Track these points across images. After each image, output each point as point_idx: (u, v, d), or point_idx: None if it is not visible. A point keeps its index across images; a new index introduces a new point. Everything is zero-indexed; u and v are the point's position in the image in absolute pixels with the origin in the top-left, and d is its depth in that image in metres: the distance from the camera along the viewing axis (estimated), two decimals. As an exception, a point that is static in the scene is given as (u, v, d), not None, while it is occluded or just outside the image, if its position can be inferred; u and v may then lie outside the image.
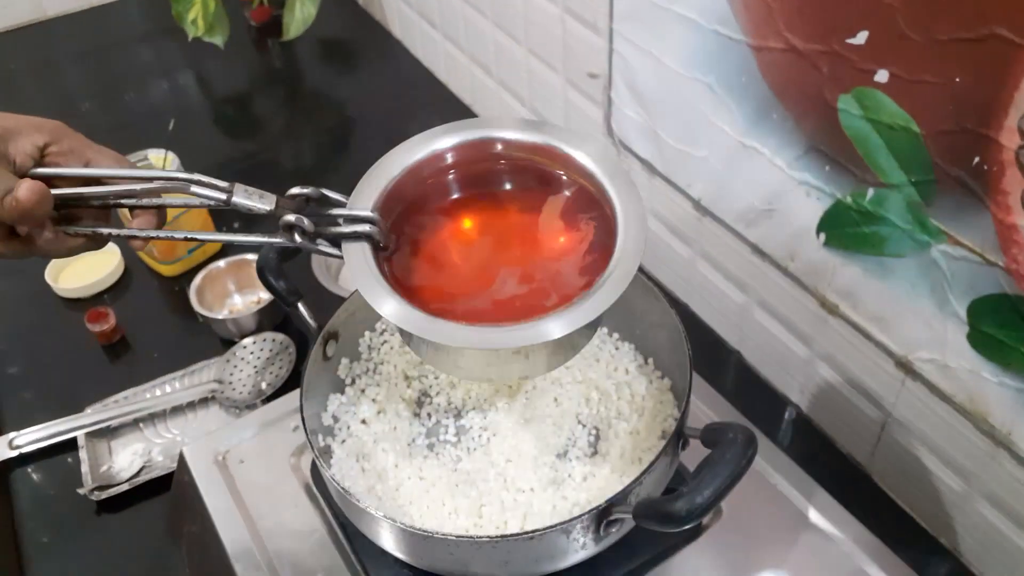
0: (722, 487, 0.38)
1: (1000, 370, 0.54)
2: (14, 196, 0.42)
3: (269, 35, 1.36)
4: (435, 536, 0.43)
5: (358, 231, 0.46)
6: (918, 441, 0.63)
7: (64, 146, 0.46)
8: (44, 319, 0.91)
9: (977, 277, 0.52)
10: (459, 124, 0.50)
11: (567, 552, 0.45)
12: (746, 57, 0.62)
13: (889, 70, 0.52)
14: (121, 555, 0.69)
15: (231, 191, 0.45)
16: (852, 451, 0.71)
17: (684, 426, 0.47)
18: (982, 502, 0.60)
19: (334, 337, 0.56)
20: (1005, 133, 0.47)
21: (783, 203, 0.65)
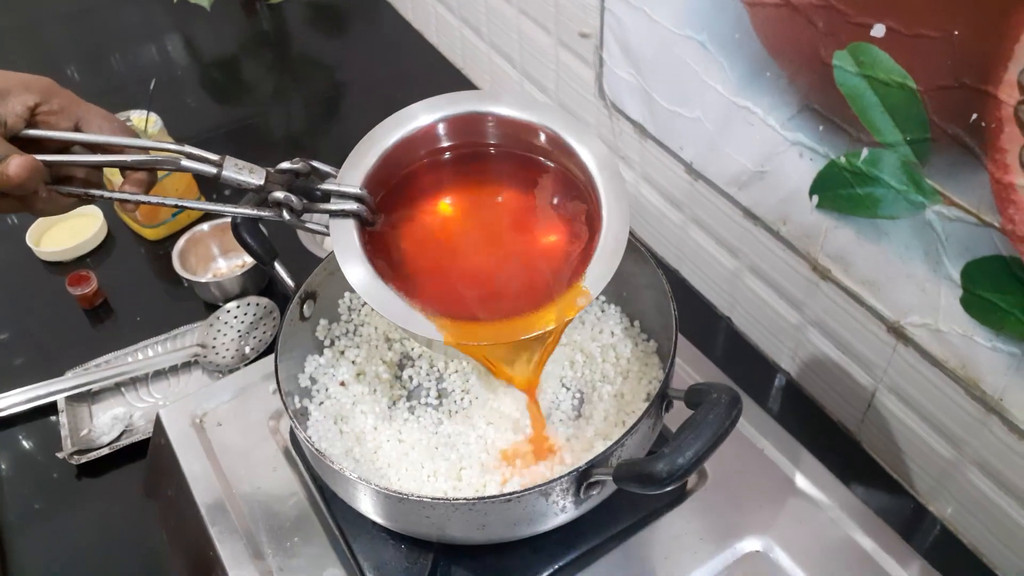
0: (704, 448, 0.37)
1: (993, 335, 0.53)
2: (5, 172, 0.42)
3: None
4: (411, 498, 0.42)
5: (346, 209, 0.45)
6: (909, 408, 0.62)
7: (54, 105, 0.45)
8: (25, 283, 0.89)
9: (972, 239, 0.51)
10: (451, 97, 0.48)
11: (546, 515, 0.44)
12: (740, 14, 0.60)
13: (886, 24, 0.50)
14: (101, 519, 0.68)
15: (221, 164, 0.44)
16: (842, 418, 0.70)
17: (668, 387, 0.46)
18: (972, 469, 0.59)
19: (312, 297, 0.55)
20: (1004, 88, 0.45)
21: (776, 165, 0.64)
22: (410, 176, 0.48)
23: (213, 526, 0.52)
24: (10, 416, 0.75)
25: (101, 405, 0.75)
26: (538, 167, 0.47)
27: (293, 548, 0.51)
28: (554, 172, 0.47)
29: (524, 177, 0.48)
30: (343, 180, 0.45)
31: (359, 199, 0.45)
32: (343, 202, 0.45)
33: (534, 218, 0.47)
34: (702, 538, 0.50)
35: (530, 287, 0.45)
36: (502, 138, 0.47)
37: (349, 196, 0.45)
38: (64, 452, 0.70)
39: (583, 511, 0.46)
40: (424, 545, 0.50)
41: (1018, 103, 0.45)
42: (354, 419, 0.52)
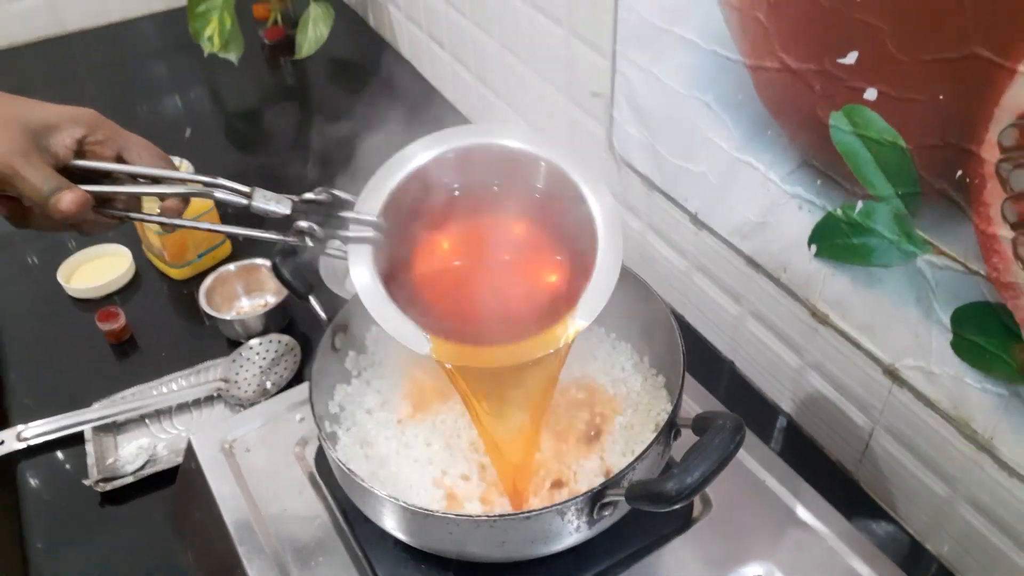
0: (710, 469, 0.40)
1: (982, 376, 0.56)
2: (57, 206, 0.46)
3: (282, 54, 1.40)
4: (436, 515, 0.45)
5: (363, 236, 0.48)
6: (904, 448, 0.65)
7: (99, 135, 0.49)
8: (55, 318, 0.92)
9: (960, 286, 0.54)
10: (462, 129, 0.52)
11: (561, 534, 0.46)
12: (743, 76, 0.65)
13: (878, 88, 0.54)
14: (124, 545, 0.70)
15: (251, 195, 0.48)
16: (841, 458, 0.72)
17: (677, 416, 0.49)
18: (966, 507, 0.61)
19: (343, 330, 0.58)
20: (986, 147, 0.49)
21: (776, 216, 0.68)
22: (422, 205, 0.51)
23: (241, 545, 0.54)
24: (38, 445, 0.77)
25: (126, 436, 0.78)
26: (541, 203, 0.51)
27: (317, 567, 0.53)
28: (556, 209, 0.50)
29: (527, 212, 0.52)
30: (361, 209, 0.49)
31: (375, 226, 0.48)
32: (360, 229, 0.48)
33: (533, 252, 0.51)
34: (706, 563, 0.52)
35: (524, 318, 0.48)
36: (510, 172, 0.51)
37: (366, 223, 0.48)
38: (91, 479, 0.72)
39: (595, 532, 0.48)
40: (443, 564, 0.52)
41: (999, 161, 0.49)
42: (378, 444, 0.55)
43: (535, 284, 0.50)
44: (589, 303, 0.46)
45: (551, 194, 0.50)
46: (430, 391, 0.58)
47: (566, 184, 0.49)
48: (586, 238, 0.47)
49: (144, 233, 0.94)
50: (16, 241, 1.04)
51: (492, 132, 0.50)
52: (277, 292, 0.88)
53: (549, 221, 0.50)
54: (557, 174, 0.49)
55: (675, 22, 0.70)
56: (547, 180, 0.49)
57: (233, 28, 1.22)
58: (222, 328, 0.86)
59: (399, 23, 1.34)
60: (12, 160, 0.45)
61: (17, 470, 0.76)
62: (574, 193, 0.48)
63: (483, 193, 0.51)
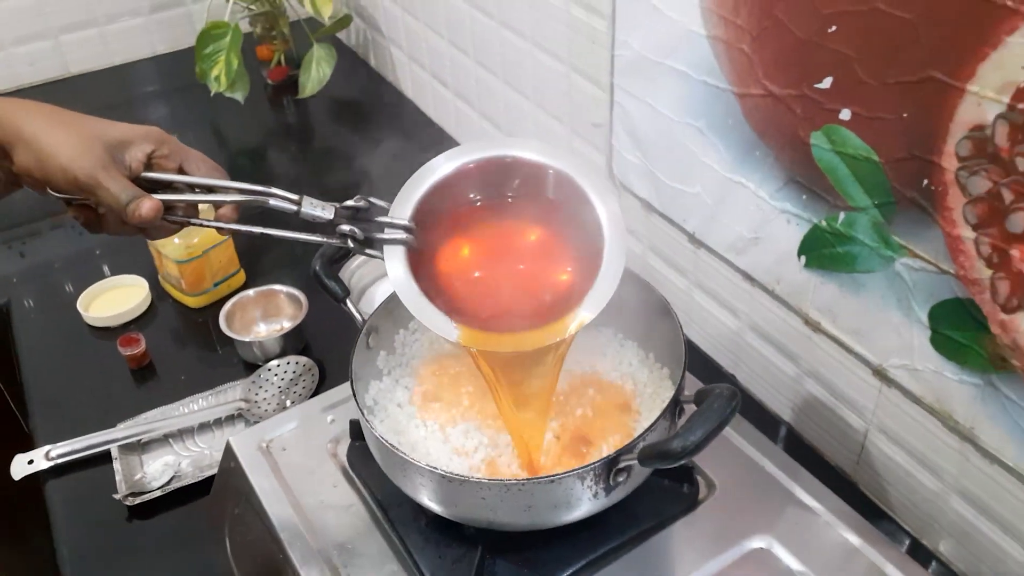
0: (711, 429, 0.48)
1: (959, 368, 0.64)
2: (139, 213, 0.55)
3: (285, 93, 1.51)
4: (470, 480, 0.53)
5: (396, 238, 0.57)
6: (897, 446, 0.73)
7: (165, 150, 0.59)
8: (75, 346, 1.00)
9: (934, 285, 0.63)
10: (482, 143, 0.62)
11: (581, 500, 0.54)
12: (731, 103, 0.75)
13: (851, 109, 0.64)
14: (153, 557, 0.77)
15: (300, 203, 0.57)
16: (839, 462, 0.80)
17: (681, 395, 0.57)
18: (956, 499, 0.69)
19: (375, 330, 0.67)
20: (946, 157, 0.59)
21: (767, 231, 0.77)
22: (448, 210, 0.60)
23: (283, 532, 0.61)
24: (66, 464, 0.84)
25: (151, 454, 0.85)
26: (555, 210, 0.60)
27: (355, 549, 0.61)
28: (567, 214, 0.60)
29: (540, 216, 0.61)
30: (394, 214, 0.58)
31: (407, 229, 0.57)
32: (394, 232, 0.57)
33: (545, 252, 0.60)
34: (712, 539, 0.60)
35: (537, 310, 0.57)
36: (526, 181, 0.60)
37: (399, 227, 0.57)
38: (120, 494, 0.79)
39: (611, 501, 0.56)
40: (472, 542, 0.60)
41: (957, 169, 0.58)
42: (409, 432, 0.63)
43: (547, 280, 0.59)
44: (594, 298, 0.55)
45: (562, 200, 0.59)
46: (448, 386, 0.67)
47: (576, 191, 0.58)
48: (593, 240, 0.56)
49: (161, 263, 1.03)
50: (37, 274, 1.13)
51: (510, 145, 0.60)
52: (293, 317, 0.97)
53: (560, 224, 0.59)
54: (568, 182, 0.58)
55: (668, 55, 0.81)
56: (559, 188, 0.58)
57: (240, 68, 1.33)
58: (240, 350, 0.94)
59: (401, 63, 1.46)
60: (95, 173, 0.54)
61: (46, 488, 0.83)
62: (583, 200, 0.58)
63: (501, 199, 0.60)
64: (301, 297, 0.97)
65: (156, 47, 1.64)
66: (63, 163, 0.54)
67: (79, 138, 0.55)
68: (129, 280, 1.06)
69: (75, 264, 1.14)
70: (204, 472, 0.81)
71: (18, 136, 0.55)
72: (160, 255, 1.01)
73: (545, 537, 0.60)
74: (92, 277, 1.07)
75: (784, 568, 0.59)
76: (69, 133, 0.55)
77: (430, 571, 0.58)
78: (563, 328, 0.55)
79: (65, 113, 0.58)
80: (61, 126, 0.56)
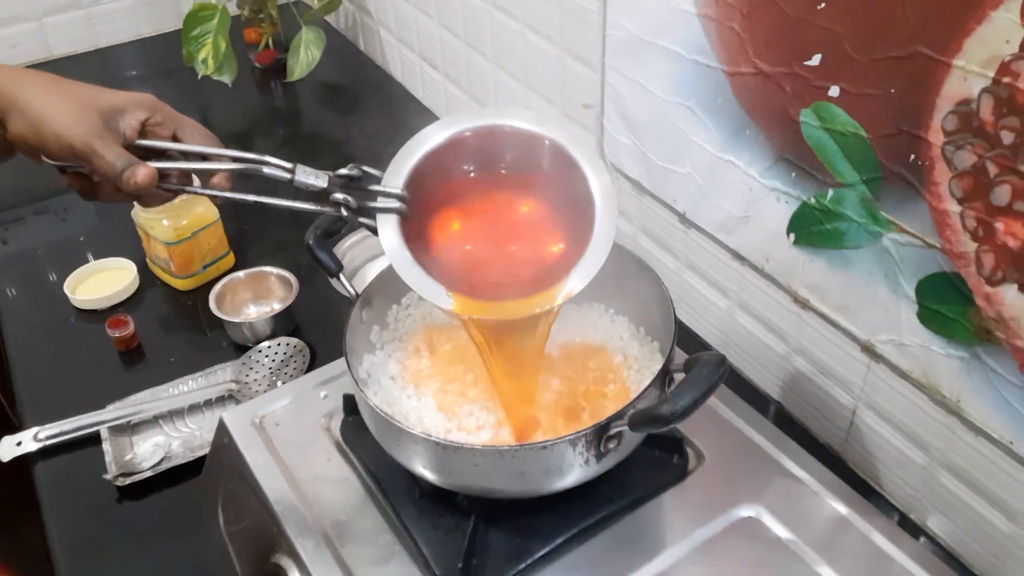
0: (699, 394, 0.50)
1: (946, 342, 0.66)
2: (134, 180, 0.56)
3: (273, 77, 1.53)
4: (464, 447, 0.54)
5: (389, 207, 0.59)
6: (885, 421, 0.75)
7: (159, 117, 0.60)
8: (63, 329, 1.02)
9: (921, 260, 0.66)
10: (475, 111, 0.63)
11: (573, 466, 0.56)
12: (721, 82, 0.77)
13: (840, 86, 0.66)
14: (144, 538, 0.78)
15: (294, 171, 0.59)
16: (829, 440, 0.83)
17: (671, 364, 0.59)
18: (943, 473, 0.71)
19: (368, 304, 0.69)
20: (932, 132, 0.61)
21: (757, 209, 0.79)
22: (440, 180, 0.62)
23: (277, 506, 0.63)
24: (55, 445, 0.86)
25: (141, 436, 0.87)
26: (547, 179, 0.62)
27: (350, 521, 0.62)
28: (559, 185, 0.62)
29: (533, 187, 0.63)
30: (387, 183, 0.60)
31: (400, 198, 0.59)
32: (387, 201, 0.59)
33: (537, 222, 0.62)
34: (701, 508, 0.62)
35: (527, 279, 0.59)
36: (519, 150, 0.62)
37: (392, 196, 0.59)
38: (110, 474, 0.81)
39: (602, 468, 0.58)
40: (464, 512, 0.61)
41: (943, 144, 0.60)
42: (402, 403, 0.65)
43: (538, 250, 0.61)
44: (584, 268, 0.57)
45: (555, 170, 0.60)
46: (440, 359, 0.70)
47: (569, 162, 0.60)
48: (585, 211, 0.58)
49: (149, 245, 1.04)
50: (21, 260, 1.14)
51: (503, 113, 0.62)
52: (283, 299, 0.98)
53: (552, 195, 0.61)
54: (561, 152, 0.60)
55: (659, 35, 0.83)
56: (552, 158, 0.60)
57: (227, 51, 1.34)
58: (231, 332, 0.95)
59: (390, 46, 1.47)
60: (90, 140, 0.56)
61: (35, 470, 0.85)
62: (576, 170, 0.59)
63: (494, 168, 0.62)
64: (291, 279, 0.99)
65: (142, 29, 1.65)
66: (58, 130, 0.55)
67: (74, 105, 0.56)
68: (116, 263, 1.07)
69: (59, 250, 1.15)
70: (195, 452, 0.83)
71: (12, 103, 0.56)
72: (148, 237, 1.02)
73: (537, 507, 0.62)
74: (76, 263, 1.08)
75: (773, 537, 0.61)
76: (64, 100, 0.56)
77: (424, 542, 0.60)
78: (552, 297, 0.57)
79: (60, 80, 0.59)
80: (56, 93, 0.57)
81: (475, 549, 0.60)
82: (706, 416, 0.69)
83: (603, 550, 0.60)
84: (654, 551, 0.60)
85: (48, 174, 0.62)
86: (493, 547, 0.60)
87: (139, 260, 1.08)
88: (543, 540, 0.61)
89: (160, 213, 0.99)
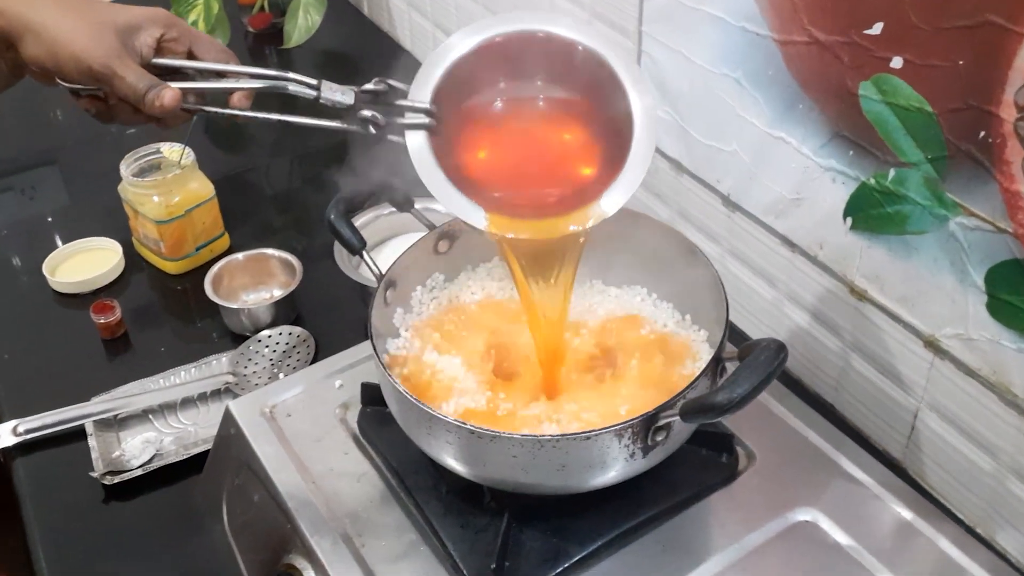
0: (757, 383, 0.52)
1: (1018, 336, 0.69)
2: (160, 102, 0.60)
3: (268, 43, 1.55)
4: (502, 436, 0.57)
5: (417, 122, 0.62)
6: (950, 425, 0.77)
7: (174, 33, 0.64)
8: (40, 314, 1.05)
9: (991, 245, 0.68)
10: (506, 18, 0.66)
11: (617, 460, 0.58)
12: (772, 52, 0.80)
13: (903, 57, 0.69)
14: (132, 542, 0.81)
15: (319, 88, 0.62)
16: (887, 447, 0.85)
17: (723, 352, 0.62)
18: (1014, 482, 0.74)
19: (392, 285, 0.72)
20: (1004, 107, 0.64)
21: (810, 191, 0.82)
22: (470, 92, 0.65)
23: (290, 500, 0.66)
24: (35, 440, 0.88)
25: (129, 431, 0.89)
26: (584, 93, 0.65)
27: (370, 519, 0.65)
28: (597, 101, 0.65)
29: (569, 101, 0.66)
30: (413, 96, 0.63)
31: (427, 112, 0.62)
32: (415, 116, 0.62)
33: (571, 139, 0.66)
34: (752, 510, 0.65)
35: (560, 198, 0.63)
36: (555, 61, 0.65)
37: (419, 110, 0.62)
38: (96, 472, 0.84)
39: (648, 464, 0.60)
40: (496, 510, 0.64)
41: (1016, 120, 0.63)
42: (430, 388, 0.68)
43: (572, 168, 0.65)
44: (617, 191, 0.61)
45: (594, 85, 0.64)
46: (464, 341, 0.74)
47: (608, 74, 0.63)
48: (623, 129, 0.62)
49: (137, 224, 1.07)
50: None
51: (537, 19, 0.64)
52: (285, 285, 1.01)
53: (589, 111, 0.65)
54: (599, 64, 0.63)
55: (703, 0, 0.86)
56: (589, 69, 0.63)
57: (220, 14, 1.37)
58: (227, 319, 0.98)
59: (399, 11, 1.50)
60: (110, 62, 0.59)
61: (14, 467, 0.88)
62: (615, 84, 0.63)
63: (526, 80, 0.65)
64: (295, 263, 1.02)
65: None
66: (76, 52, 0.59)
67: (90, 26, 0.60)
68: (99, 243, 1.10)
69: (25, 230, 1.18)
70: (189, 450, 0.86)
71: (26, 26, 0.60)
72: (137, 215, 1.05)
73: (575, 505, 0.64)
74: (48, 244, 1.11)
75: (832, 542, 0.64)
76: (79, 21, 0.60)
77: (452, 541, 0.63)
78: (586, 217, 0.61)
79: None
80: (70, 13, 0.60)
81: (508, 550, 0.63)
82: (757, 413, 0.71)
83: (646, 554, 0.63)
84: (701, 556, 0.63)
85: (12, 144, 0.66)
86: (527, 548, 0.63)
87: (124, 240, 1.10)
88: (581, 542, 0.63)
89: (151, 189, 1.02)
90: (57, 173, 1.31)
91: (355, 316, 0.93)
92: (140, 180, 1.03)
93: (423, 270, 0.76)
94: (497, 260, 0.81)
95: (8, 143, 1.36)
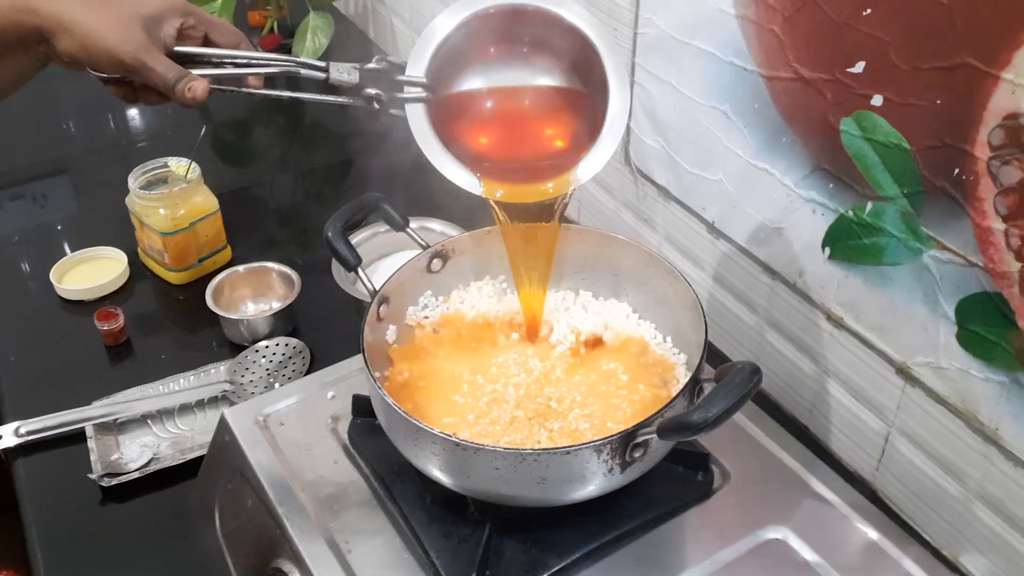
0: (732, 403, 0.53)
1: (985, 366, 0.69)
2: (193, 95, 0.63)
3: (276, 63, 1.56)
4: (485, 448, 0.57)
5: (415, 96, 0.66)
6: (918, 449, 0.78)
7: (192, 20, 0.67)
8: (46, 320, 1.05)
9: (962, 278, 0.69)
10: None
11: (596, 475, 0.58)
12: (759, 86, 0.81)
13: (883, 95, 0.70)
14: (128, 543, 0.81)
15: (327, 70, 0.66)
16: (859, 468, 0.85)
17: (700, 374, 0.62)
18: (979, 506, 0.74)
19: (386, 301, 0.72)
20: (978, 146, 0.64)
21: (792, 221, 0.83)
22: (463, 66, 0.68)
23: (280, 506, 0.66)
24: (37, 442, 0.88)
25: (128, 435, 0.89)
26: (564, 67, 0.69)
27: (357, 526, 0.65)
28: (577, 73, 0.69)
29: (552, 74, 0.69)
30: (409, 71, 0.66)
31: (423, 86, 0.65)
32: (412, 90, 0.65)
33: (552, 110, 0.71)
34: (725, 528, 0.65)
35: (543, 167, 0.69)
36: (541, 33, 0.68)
37: (416, 84, 0.65)
38: (95, 474, 0.84)
39: (626, 479, 0.60)
40: (479, 521, 0.64)
41: (989, 158, 0.64)
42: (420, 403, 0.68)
43: (552, 139, 0.70)
44: (591, 161, 0.67)
45: (574, 59, 0.68)
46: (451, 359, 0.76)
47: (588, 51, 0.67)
48: (599, 103, 0.66)
49: (143, 235, 1.08)
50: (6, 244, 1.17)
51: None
52: (283, 297, 1.01)
53: (568, 83, 0.69)
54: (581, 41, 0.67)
55: (694, 35, 0.86)
56: (571, 44, 0.67)
57: (229, 35, 1.38)
58: (226, 329, 0.98)
59: (403, 36, 1.51)
60: (139, 55, 0.62)
61: (15, 467, 0.87)
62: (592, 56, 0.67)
63: (513, 54, 0.69)
64: (294, 276, 1.02)
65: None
66: (108, 47, 0.62)
67: (118, 20, 0.62)
68: (105, 252, 1.10)
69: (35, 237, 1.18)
70: (185, 455, 0.86)
71: (59, 23, 0.62)
72: (142, 226, 1.05)
73: (555, 518, 0.65)
74: (57, 252, 1.11)
75: (800, 560, 0.64)
76: (109, 16, 0.62)
77: (435, 550, 0.63)
78: (566, 184, 0.67)
79: None
80: (100, 9, 0.63)
81: (489, 559, 0.63)
82: (733, 433, 0.72)
83: (622, 567, 0.63)
84: (675, 570, 0.63)
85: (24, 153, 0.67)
86: (507, 558, 0.63)
87: (129, 250, 1.11)
88: (560, 554, 0.63)
89: (157, 201, 1.03)
90: (68, 183, 1.32)
91: (350, 330, 0.92)
92: (147, 193, 1.04)
93: (416, 288, 0.76)
94: (488, 279, 0.82)
95: (21, 153, 1.37)
